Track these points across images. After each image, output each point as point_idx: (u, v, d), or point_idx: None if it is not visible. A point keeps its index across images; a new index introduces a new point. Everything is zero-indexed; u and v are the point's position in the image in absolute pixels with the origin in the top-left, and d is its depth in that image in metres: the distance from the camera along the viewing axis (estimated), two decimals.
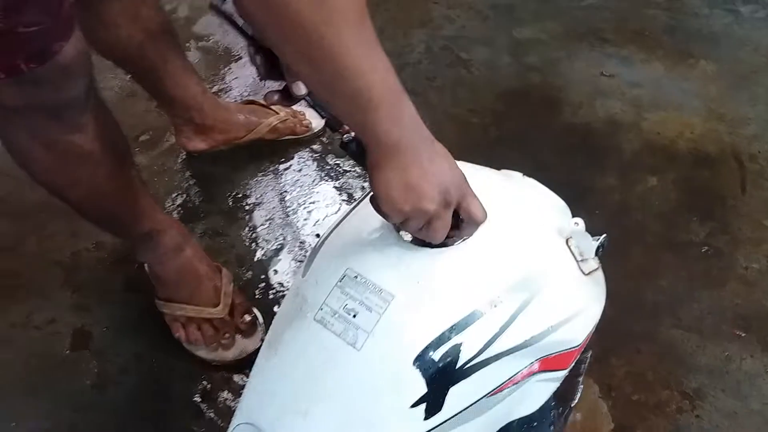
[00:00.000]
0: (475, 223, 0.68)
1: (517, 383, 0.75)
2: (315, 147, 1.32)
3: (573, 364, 0.83)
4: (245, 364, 0.75)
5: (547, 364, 0.77)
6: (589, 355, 0.95)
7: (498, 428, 0.81)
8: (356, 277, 0.71)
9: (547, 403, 0.86)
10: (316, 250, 0.79)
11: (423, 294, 0.69)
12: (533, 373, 0.77)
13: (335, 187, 1.24)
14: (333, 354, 0.68)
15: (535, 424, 0.86)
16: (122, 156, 0.88)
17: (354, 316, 0.69)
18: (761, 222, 1.13)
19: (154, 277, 1.01)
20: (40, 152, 0.80)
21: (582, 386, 0.92)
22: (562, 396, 0.90)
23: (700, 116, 1.34)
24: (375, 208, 0.66)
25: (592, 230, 0.77)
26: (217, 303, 0.98)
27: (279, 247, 1.15)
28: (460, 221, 0.69)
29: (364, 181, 1.03)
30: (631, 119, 1.34)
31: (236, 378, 0.96)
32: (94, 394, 0.96)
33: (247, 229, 1.18)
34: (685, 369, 0.93)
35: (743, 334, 0.97)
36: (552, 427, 0.86)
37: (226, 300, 0.98)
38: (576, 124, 1.35)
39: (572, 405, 0.90)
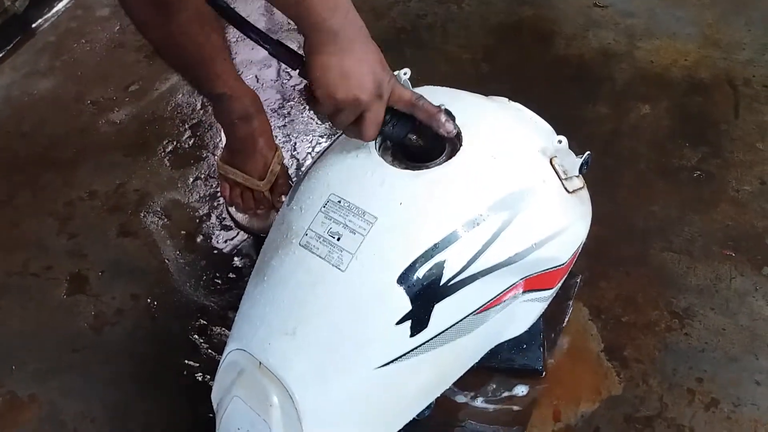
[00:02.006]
0: (407, 106, 0.69)
1: (503, 302, 0.76)
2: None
3: (560, 284, 0.83)
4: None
5: (533, 284, 0.78)
6: (578, 279, 0.96)
7: (488, 349, 0.82)
8: (339, 201, 0.71)
9: (536, 324, 0.87)
10: (300, 180, 0.79)
11: (405, 215, 0.69)
12: (519, 293, 0.78)
13: (326, 127, 1.24)
14: (318, 276, 0.69)
15: (524, 346, 0.88)
16: (201, 18, 0.89)
17: (338, 239, 0.69)
18: (754, 145, 1.12)
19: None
20: None
21: (571, 309, 0.93)
22: (551, 319, 0.91)
23: (695, 43, 1.31)
24: (307, 100, 0.70)
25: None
26: (263, 177, 1.04)
27: None
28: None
29: None
30: (625, 49, 1.32)
31: (231, 314, 0.97)
32: (92, 336, 0.97)
33: None
34: (675, 290, 0.94)
35: (733, 254, 0.97)
36: (542, 349, 0.88)
37: (270, 177, 1.05)
38: (569, 56, 1.33)
39: (562, 327, 0.91)
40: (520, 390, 0.86)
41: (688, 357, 0.87)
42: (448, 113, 0.71)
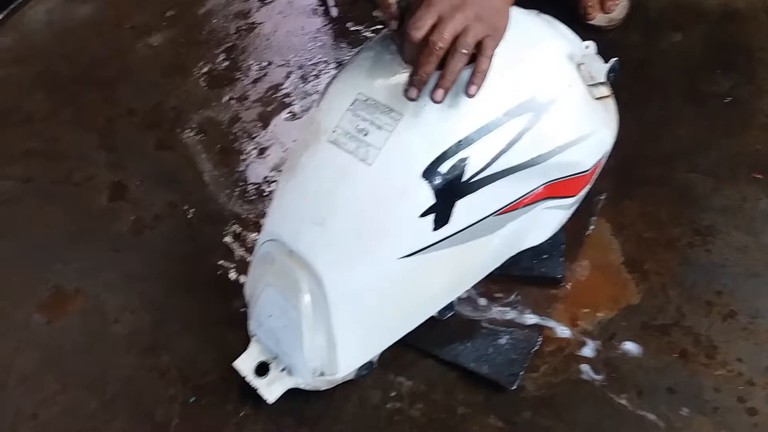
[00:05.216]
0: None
1: (525, 206, 0.79)
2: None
3: (583, 193, 0.85)
4: None
5: (556, 190, 0.80)
6: (602, 197, 0.97)
7: (509, 255, 0.85)
8: (366, 100, 0.74)
9: (558, 236, 0.89)
10: (329, 83, 0.81)
11: (431, 112, 0.71)
12: (542, 198, 0.80)
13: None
14: (346, 169, 0.72)
15: (545, 255, 0.90)
16: None
17: (365, 135, 0.72)
18: None
19: None
20: None
21: (594, 225, 0.95)
22: (574, 233, 0.93)
23: None
24: None
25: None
26: None
27: (305, 107, 1.17)
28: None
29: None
30: None
31: (263, 222, 1.01)
32: (131, 238, 1.03)
33: (271, 91, 1.21)
34: (698, 209, 0.94)
35: (760, 177, 0.97)
36: (562, 259, 0.90)
37: None
38: None
39: (583, 240, 0.93)
40: (539, 296, 0.88)
41: (709, 271, 0.89)
42: None
